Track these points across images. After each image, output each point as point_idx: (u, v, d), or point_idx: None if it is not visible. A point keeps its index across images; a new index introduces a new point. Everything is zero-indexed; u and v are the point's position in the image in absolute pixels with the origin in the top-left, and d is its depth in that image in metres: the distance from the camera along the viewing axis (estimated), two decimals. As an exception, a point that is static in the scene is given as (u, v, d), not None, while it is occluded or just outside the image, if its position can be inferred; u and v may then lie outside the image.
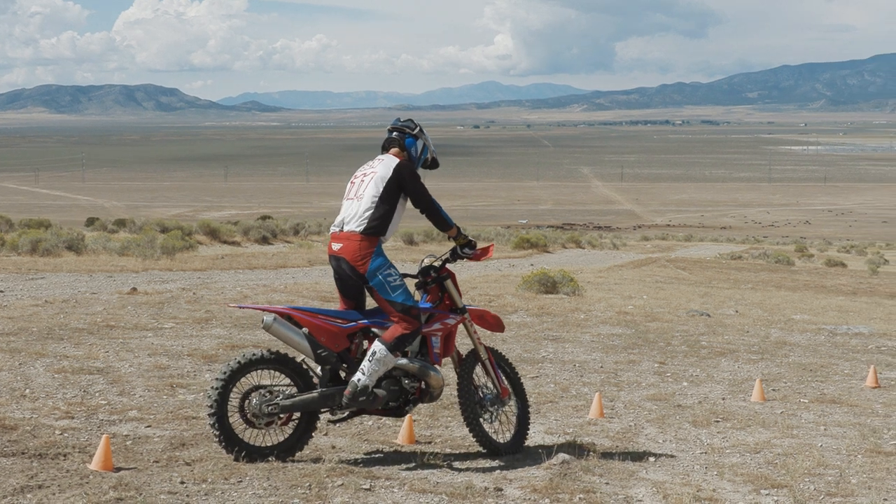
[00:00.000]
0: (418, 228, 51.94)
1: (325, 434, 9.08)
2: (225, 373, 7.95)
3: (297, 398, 8.13)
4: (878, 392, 12.47)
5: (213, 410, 7.87)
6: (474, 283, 24.54)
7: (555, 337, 15.80)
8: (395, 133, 8.65)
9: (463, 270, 31.34)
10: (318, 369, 8.36)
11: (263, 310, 8.27)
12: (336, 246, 8.30)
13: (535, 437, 9.38)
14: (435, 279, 8.76)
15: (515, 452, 8.83)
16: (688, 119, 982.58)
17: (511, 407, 9.08)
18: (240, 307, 8.43)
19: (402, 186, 8.34)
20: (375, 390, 8.24)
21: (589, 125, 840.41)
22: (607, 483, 8.02)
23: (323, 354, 8.19)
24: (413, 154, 8.58)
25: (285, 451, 8.17)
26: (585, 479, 8.09)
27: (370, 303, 8.62)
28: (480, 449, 8.76)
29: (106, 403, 9.84)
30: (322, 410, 8.32)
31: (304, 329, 8.16)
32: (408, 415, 8.70)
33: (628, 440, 9.45)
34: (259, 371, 8.19)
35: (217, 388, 7.89)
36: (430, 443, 9.00)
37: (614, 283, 29.34)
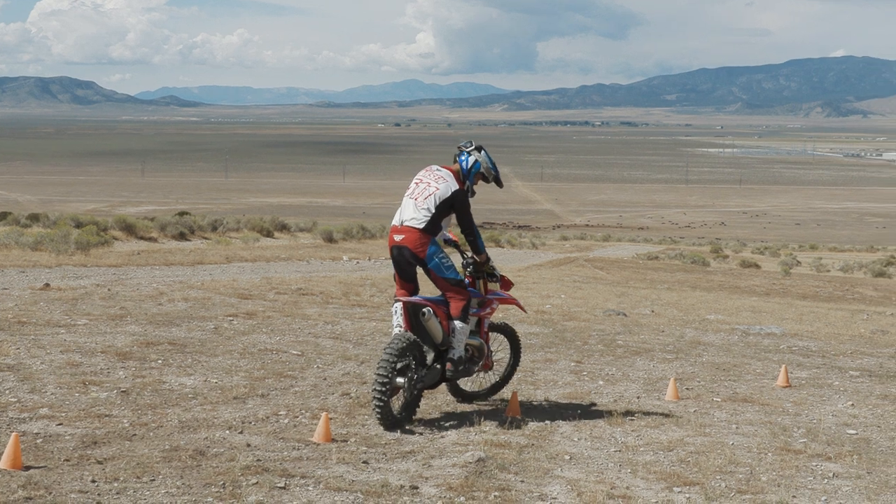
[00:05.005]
0: (338, 227, 51.79)
1: (241, 432, 9.02)
2: (387, 364, 9.31)
3: (430, 374, 9.97)
4: (789, 391, 12.67)
5: (381, 398, 9.26)
6: (393, 282, 24.51)
7: (472, 335, 15.82)
8: (456, 153, 10.42)
9: (382, 269, 31.33)
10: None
11: (420, 303, 9.87)
12: (398, 237, 9.96)
13: (451, 434, 9.40)
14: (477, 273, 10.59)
15: None
16: (607, 120, 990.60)
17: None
18: (403, 300, 9.92)
19: (454, 208, 10.00)
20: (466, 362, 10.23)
21: (509, 125, 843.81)
22: (522, 481, 8.06)
23: (445, 338, 10.00)
24: (463, 167, 10.25)
25: (412, 415, 9.80)
26: (501, 476, 8.12)
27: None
28: (400, 447, 8.80)
29: (16, 401, 9.68)
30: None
31: (438, 318, 9.94)
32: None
33: (544, 438, 9.50)
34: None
35: (384, 378, 9.25)
36: (346, 441, 8.98)
37: (533, 283, 29.50)
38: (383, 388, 9.25)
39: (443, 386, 11.02)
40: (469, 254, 10.60)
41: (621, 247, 75.10)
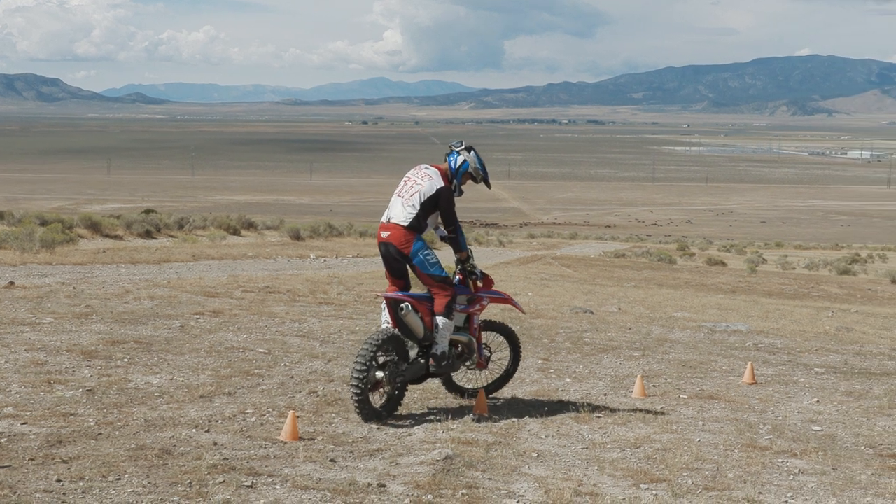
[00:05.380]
0: (305, 225, 51.69)
1: (207, 431, 8.98)
2: (365, 356, 9.54)
3: (412, 368, 10.12)
4: (755, 388, 12.74)
5: (359, 390, 9.50)
6: (360, 279, 24.49)
7: (440, 333, 15.81)
8: (447, 152, 10.62)
9: (349, 267, 31.27)
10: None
11: (398, 298, 10.04)
12: (385, 234, 10.19)
13: (418, 432, 9.40)
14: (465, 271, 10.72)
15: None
16: (574, 118, 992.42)
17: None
18: (384, 295, 10.22)
19: (438, 205, 10.18)
20: (451, 357, 10.36)
21: (477, 123, 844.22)
22: (490, 478, 8.06)
23: (428, 334, 10.15)
24: (452, 165, 10.44)
25: (394, 409, 10.00)
26: (468, 474, 8.12)
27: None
28: (367, 445, 8.79)
29: (-20, 400, 9.60)
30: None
31: (419, 313, 10.12)
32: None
33: (511, 436, 9.51)
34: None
35: (362, 370, 9.49)
36: (313, 439, 8.95)
37: (500, 280, 29.52)
38: (360, 381, 9.48)
39: (433, 383, 11.04)
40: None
41: (588, 245, 75.28)
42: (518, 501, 7.58)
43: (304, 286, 21.59)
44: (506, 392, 11.61)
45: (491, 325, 11.16)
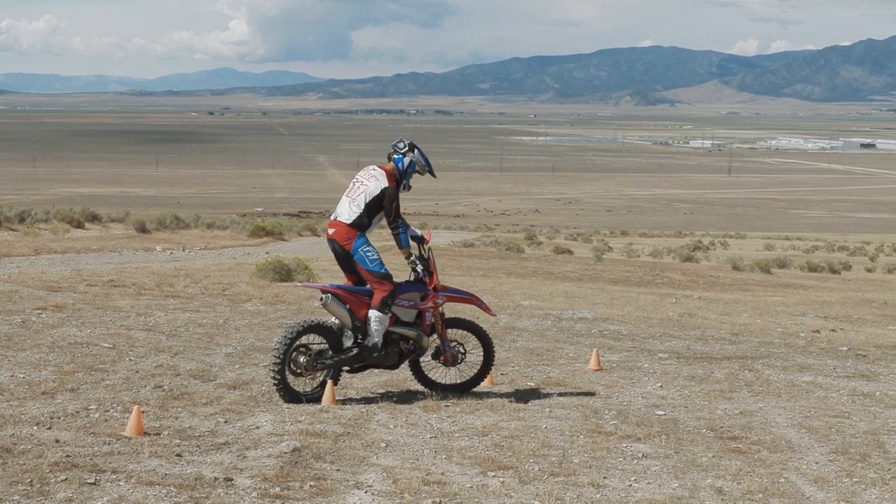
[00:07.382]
0: (151, 217, 50.85)
1: (49, 428, 8.78)
2: (286, 338, 10.19)
3: (339, 357, 10.58)
4: (600, 374, 12.97)
5: (277, 369, 10.12)
6: (208, 272, 24.19)
7: (289, 325, 15.71)
8: (391, 151, 11.19)
9: (196, 259, 30.87)
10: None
11: (321, 289, 10.61)
12: (331, 231, 10.87)
13: (266, 425, 9.34)
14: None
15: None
16: (422, 108, 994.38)
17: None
18: (305, 286, 11.86)
19: (382, 204, 10.78)
20: (387, 348, 10.75)
21: (325, 113, 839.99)
22: (338, 470, 8.06)
23: (358, 325, 10.66)
24: (400, 168, 11.08)
25: (321, 395, 10.40)
26: (316, 466, 8.11)
27: None
28: (214, 439, 8.70)
29: None
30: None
31: (346, 305, 10.59)
32: (396, 368, 11.19)
33: (360, 426, 9.52)
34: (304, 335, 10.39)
35: (280, 351, 10.14)
36: (158, 434, 8.83)
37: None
38: (277, 364, 10.14)
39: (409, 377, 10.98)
40: (425, 252, 11.33)
41: (437, 234, 75.53)
42: (366, 492, 7.61)
43: (150, 279, 21.23)
44: (354, 382, 11.61)
45: (457, 323, 11.50)
